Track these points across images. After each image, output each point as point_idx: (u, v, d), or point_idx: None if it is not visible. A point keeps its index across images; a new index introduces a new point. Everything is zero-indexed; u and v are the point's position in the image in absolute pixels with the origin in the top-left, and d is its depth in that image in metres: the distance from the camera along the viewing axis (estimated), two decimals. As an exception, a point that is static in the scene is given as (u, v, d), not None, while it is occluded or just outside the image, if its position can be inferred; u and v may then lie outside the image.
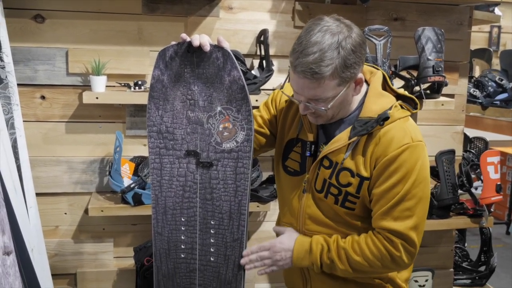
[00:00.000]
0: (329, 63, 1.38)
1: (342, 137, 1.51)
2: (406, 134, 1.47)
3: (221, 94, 1.55)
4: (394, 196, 1.46)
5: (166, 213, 1.63)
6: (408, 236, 1.47)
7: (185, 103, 1.57)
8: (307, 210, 1.59)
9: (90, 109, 2.30)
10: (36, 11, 2.21)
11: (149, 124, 1.59)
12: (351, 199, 1.52)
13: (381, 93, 1.54)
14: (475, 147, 2.90)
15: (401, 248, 1.48)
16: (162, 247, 1.66)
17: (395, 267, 1.53)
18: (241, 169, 1.59)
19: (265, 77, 2.26)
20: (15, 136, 2.09)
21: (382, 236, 1.49)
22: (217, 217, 1.62)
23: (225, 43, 1.53)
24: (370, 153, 1.48)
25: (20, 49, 2.22)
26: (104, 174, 2.36)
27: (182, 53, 1.53)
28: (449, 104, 2.30)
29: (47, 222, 2.35)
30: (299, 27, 2.39)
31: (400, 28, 2.48)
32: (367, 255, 1.49)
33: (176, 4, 2.30)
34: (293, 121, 1.65)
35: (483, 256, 2.87)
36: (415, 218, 1.47)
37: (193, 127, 1.58)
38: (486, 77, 2.86)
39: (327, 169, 1.54)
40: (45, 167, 2.32)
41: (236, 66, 1.53)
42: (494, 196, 2.44)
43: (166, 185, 1.62)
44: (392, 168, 1.45)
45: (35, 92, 2.27)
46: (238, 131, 1.57)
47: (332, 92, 1.43)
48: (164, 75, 1.55)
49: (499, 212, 5.32)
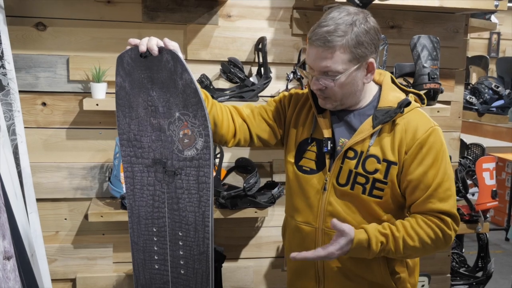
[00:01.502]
0: (341, 34, 1.47)
1: (365, 127, 1.58)
2: (427, 119, 1.59)
3: (177, 99, 1.51)
4: (434, 179, 1.54)
5: (140, 222, 1.60)
6: (454, 214, 1.56)
7: (147, 110, 1.53)
8: (328, 208, 1.60)
9: (90, 116, 2.33)
10: (37, 19, 2.24)
11: (119, 132, 1.55)
12: (379, 186, 1.56)
13: (394, 88, 1.65)
14: (472, 153, 2.92)
15: (451, 226, 1.55)
16: (139, 257, 1.62)
17: (444, 246, 1.59)
18: (202, 178, 1.54)
19: (263, 84, 2.29)
20: (16, 142, 2.11)
21: (433, 217, 1.55)
22: (184, 228, 1.58)
23: (172, 43, 1.52)
24: (399, 140, 1.55)
25: (22, 56, 2.25)
26: (104, 180, 2.39)
27: (136, 58, 1.49)
28: (445, 111, 2.32)
29: (48, 228, 2.37)
30: (297, 35, 2.42)
31: (397, 35, 2.50)
32: (423, 238, 1.54)
33: (176, 12, 2.33)
34: (305, 122, 1.69)
35: (480, 261, 2.88)
36: (453, 196, 1.57)
37: (156, 134, 1.54)
38: (482, 84, 2.88)
39: (352, 159, 1.58)
40: (45, 173, 2.34)
41: (186, 68, 1.48)
42: (490, 202, 2.45)
43: (138, 194, 1.58)
44: (424, 151, 1.54)
45: (36, 98, 2.30)
46: (197, 138, 1.53)
47: (342, 66, 1.50)
48: (126, 82, 1.51)
49: (498, 218, 5.33)
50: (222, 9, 2.37)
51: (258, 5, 2.40)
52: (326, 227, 1.61)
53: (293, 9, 2.42)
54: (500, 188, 5.17)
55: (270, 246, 2.58)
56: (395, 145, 1.55)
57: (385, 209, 1.59)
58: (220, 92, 2.27)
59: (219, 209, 2.31)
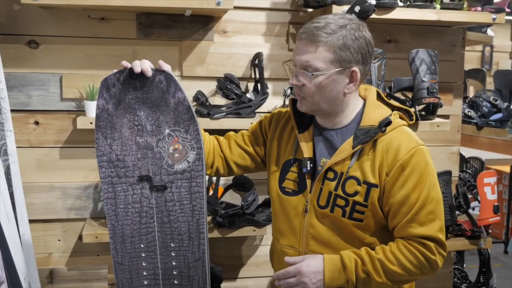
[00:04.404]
0: (329, 32, 1.45)
1: (345, 147, 1.52)
2: (411, 138, 1.52)
3: (168, 116, 1.57)
4: (415, 202, 1.48)
5: (125, 241, 1.62)
6: (438, 238, 1.49)
7: (132, 130, 1.57)
8: (310, 230, 1.56)
9: (84, 134, 2.28)
10: (30, 37, 2.21)
11: (98, 154, 1.59)
12: (359, 209, 1.50)
13: (379, 104, 1.59)
14: (471, 167, 2.90)
15: (435, 251, 1.49)
16: (124, 276, 1.64)
17: (430, 272, 1.52)
18: (195, 188, 1.59)
19: (260, 100, 2.26)
20: (8, 163, 2.07)
21: (415, 242, 1.49)
22: (176, 239, 1.62)
23: (166, 66, 1.55)
24: (380, 161, 1.49)
25: (14, 74, 2.21)
26: (98, 200, 2.34)
27: (124, 80, 1.55)
28: (445, 125, 2.30)
29: (40, 249, 2.31)
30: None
31: (394, 50, 2.49)
32: (404, 264, 1.48)
33: (171, 29, 2.30)
34: (288, 142, 1.65)
35: (482, 277, 2.84)
36: (438, 220, 1.50)
37: (143, 152, 1.58)
38: (480, 97, 2.87)
39: (332, 181, 1.53)
40: (38, 193, 2.29)
41: (179, 87, 1.56)
42: (492, 217, 2.42)
43: (122, 213, 1.61)
44: (407, 173, 1.47)
45: (29, 117, 2.26)
46: (188, 151, 1.58)
47: (323, 64, 1.46)
48: (109, 104, 1.56)
49: (496, 231, 5.31)
50: (218, 25, 2.35)
51: (254, 21, 2.38)
52: (309, 250, 1.57)
53: (289, 24, 2.40)
54: (497, 201, 5.16)
55: (269, 265, 2.51)
56: (375, 166, 1.49)
57: (368, 232, 1.54)
58: (217, 109, 2.24)
59: (216, 228, 2.26)
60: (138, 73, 1.51)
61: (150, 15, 2.27)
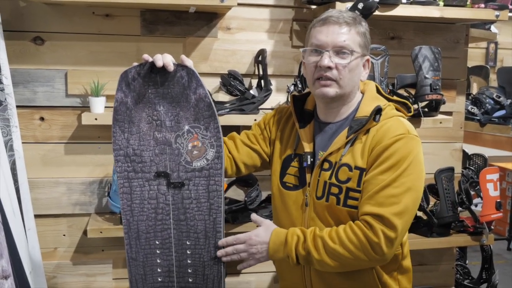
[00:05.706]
0: (354, 18, 1.52)
1: (340, 138, 1.55)
2: (402, 126, 1.51)
3: (188, 112, 1.53)
4: (381, 182, 1.44)
5: (140, 237, 1.59)
6: (390, 220, 1.42)
7: (151, 124, 1.54)
8: (311, 224, 1.57)
9: (89, 130, 2.30)
10: (35, 33, 2.22)
11: (115, 148, 1.55)
12: (352, 195, 1.50)
13: (376, 96, 1.60)
14: (474, 163, 2.91)
15: (380, 234, 1.41)
16: (138, 272, 1.61)
17: (375, 257, 1.44)
18: (213, 187, 1.56)
19: (264, 96, 2.27)
20: (14, 158, 2.09)
21: (362, 221, 1.45)
22: (192, 237, 1.59)
23: (189, 61, 1.53)
24: (369, 145, 1.50)
25: (20, 71, 2.23)
26: (103, 195, 2.36)
27: (145, 74, 1.51)
28: (448, 122, 2.31)
29: (46, 244, 2.33)
30: (297, 46, 2.40)
31: (397, 46, 2.49)
32: (345, 243, 1.44)
33: (175, 25, 2.31)
34: (290, 138, 1.67)
35: (484, 273, 2.85)
36: (401, 205, 1.43)
37: (161, 148, 1.55)
38: (483, 94, 2.87)
39: (327, 171, 1.54)
40: (44, 188, 2.31)
41: (201, 84, 1.52)
42: (494, 213, 2.43)
43: (138, 209, 1.58)
44: (385, 156, 1.46)
45: (34, 113, 2.28)
46: (207, 149, 1.55)
47: (355, 47, 1.50)
48: (128, 97, 1.52)
49: (500, 228, 5.30)
50: (222, 22, 2.36)
51: (258, 17, 2.39)
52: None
53: (293, 21, 2.41)
54: (501, 198, 5.15)
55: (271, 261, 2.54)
56: (365, 151, 1.50)
57: None
58: (220, 105, 2.25)
59: (220, 224, 2.27)
60: (159, 67, 1.48)
61: (154, 11, 2.28)
